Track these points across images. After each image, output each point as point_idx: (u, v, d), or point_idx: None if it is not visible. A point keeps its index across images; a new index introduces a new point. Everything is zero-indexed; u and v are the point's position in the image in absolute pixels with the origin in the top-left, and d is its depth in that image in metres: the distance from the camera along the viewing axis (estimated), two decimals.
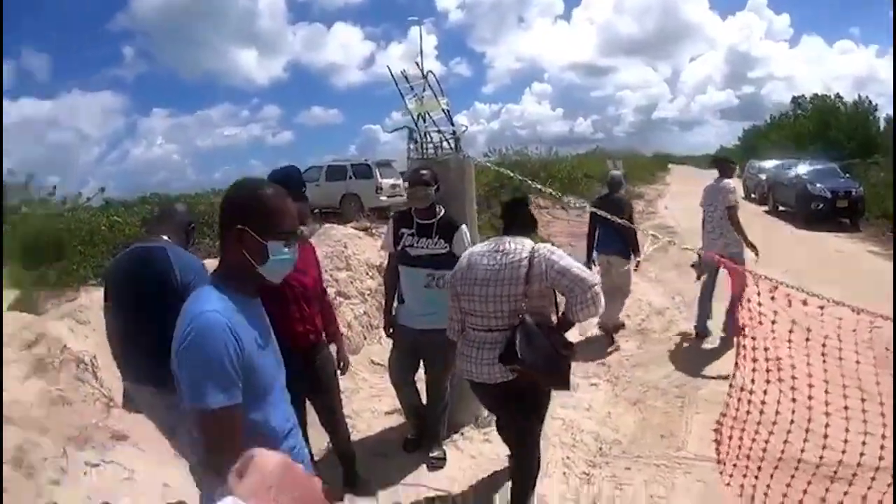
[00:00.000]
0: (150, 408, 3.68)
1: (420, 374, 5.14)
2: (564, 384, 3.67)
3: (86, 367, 5.48)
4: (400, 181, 17.80)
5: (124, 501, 4.20)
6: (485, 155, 24.71)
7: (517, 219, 3.95)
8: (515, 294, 3.55)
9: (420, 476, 4.86)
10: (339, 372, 4.42)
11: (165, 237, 3.59)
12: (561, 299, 3.76)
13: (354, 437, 4.94)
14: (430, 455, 4.98)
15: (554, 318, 3.76)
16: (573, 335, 4.96)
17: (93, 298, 6.76)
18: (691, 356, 7.25)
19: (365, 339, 7.56)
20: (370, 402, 6.19)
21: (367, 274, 8.45)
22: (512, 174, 6.26)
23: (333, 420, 4.42)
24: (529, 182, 6.02)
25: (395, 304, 5.06)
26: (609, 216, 5.02)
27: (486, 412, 5.48)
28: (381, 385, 5.83)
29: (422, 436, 5.17)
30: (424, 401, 5.15)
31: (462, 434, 5.42)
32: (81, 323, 6.12)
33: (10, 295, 8.18)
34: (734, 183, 7.96)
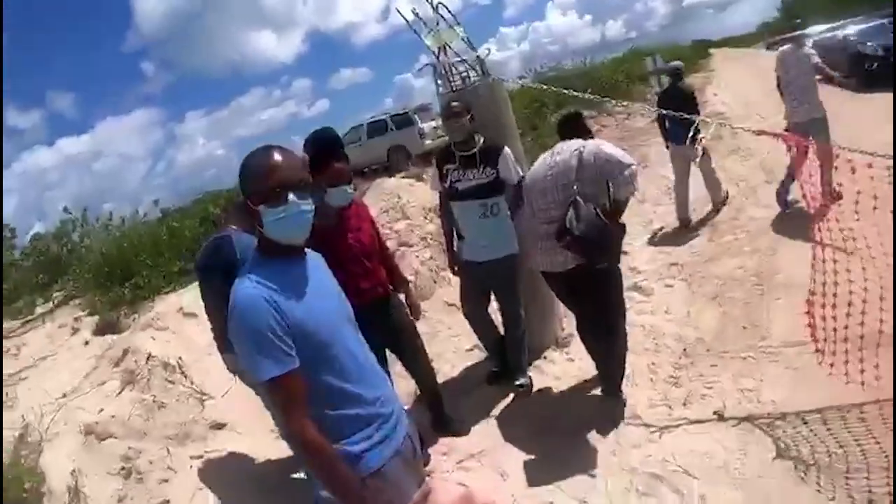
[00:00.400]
0: (242, 374, 4.14)
1: (494, 306, 5.13)
2: (613, 256, 4.13)
3: (173, 369, 5.66)
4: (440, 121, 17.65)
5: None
6: (520, 77, 24.18)
7: (570, 131, 4.42)
8: (568, 181, 4.06)
9: (510, 406, 4.91)
10: (411, 318, 4.46)
11: (234, 227, 4.03)
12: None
13: (439, 378, 4.95)
14: (516, 383, 4.98)
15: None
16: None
17: (168, 304, 6.96)
18: (763, 241, 6.98)
19: (435, 282, 7.56)
20: (449, 342, 6.22)
21: (426, 219, 8.45)
22: (546, 87, 6.15)
23: (417, 362, 4.44)
24: (566, 92, 5.96)
25: (456, 240, 5.04)
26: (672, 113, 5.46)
27: (564, 331, 5.59)
28: (459, 324, 5.84)
29: (505, 366, 5.16)
30: (502, 331, 5.14)
31: (544, 357, 5.42)
32: (161, 330, 6.31)
33: (91, 322, 8.46)
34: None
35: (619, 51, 37.71)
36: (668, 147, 8.60)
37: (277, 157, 2.06)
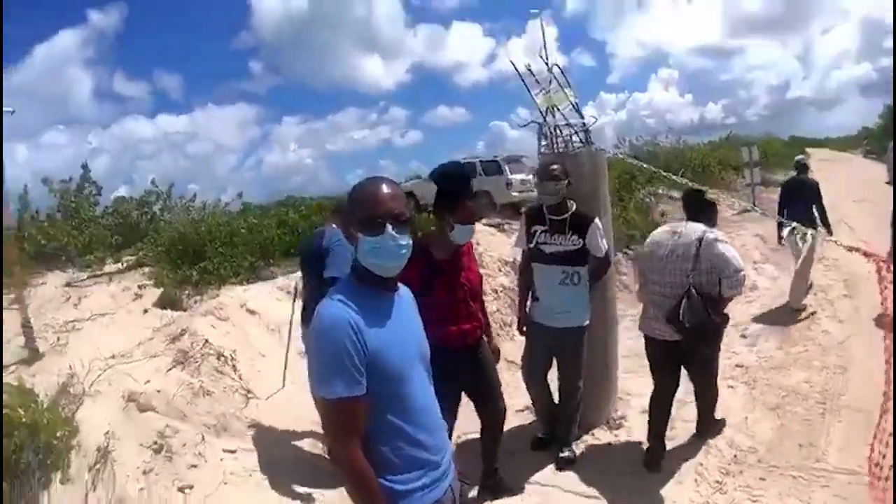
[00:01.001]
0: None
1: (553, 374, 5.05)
2: (715, 345, 4.73)
3: (225, 360, 5.72)
4: (530, 176, 17.51)
5: None
6: (615, 146, 24.12)
7: (697, 212, 4.72)
8: (685, 269, 4.43)
9: (548, 475, 4.79)
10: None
11: (333, 225, 4.94)
12: None
13: None
14: (560, 455, 4.89)
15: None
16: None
17: (233, 297, 7.01)
18: (833, 358, 6.75)
19: (497, 336, 7.38)
20: None
21: (500, 271, 8.44)
22: (640, 163, 6.10)
23: (493, 399, 4.34)
24: (662, 173, 5.89)
25: (530, 300, 4.97)
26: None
27: (617, 413, 5.50)
28: (514, 382, 5.76)
29: (552, 435, 5.09)
30: (556, 400, 5.06)
31: (593, 434, 5.31)
32: (222, 320, 6.38)
33: (154, 293, 8.59)
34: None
35: (716, 134, 37.03)
36: (780, 240, 8.78)
37: (385, 189, 2.10)
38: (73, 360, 5.44)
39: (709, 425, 5.16)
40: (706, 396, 5.02)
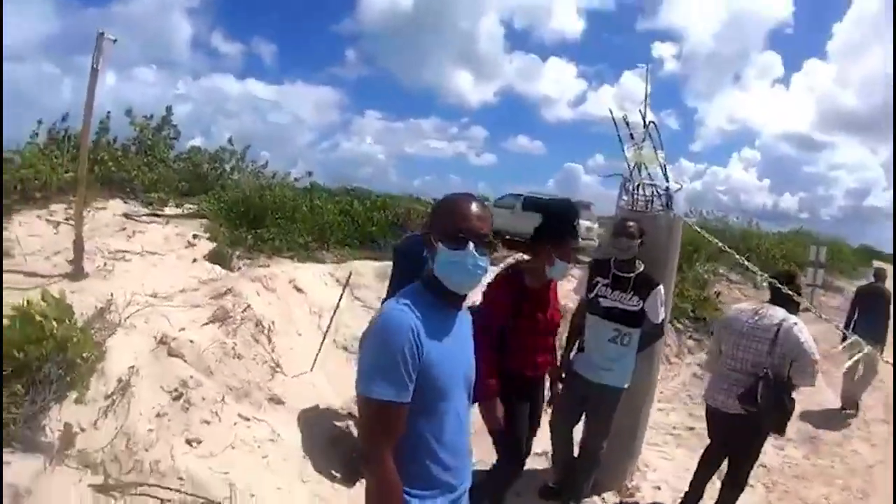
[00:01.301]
0: None
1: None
2: (781, 428, 4.57)
3: (263, 329, 5.71)
4: (595, 225, 17.54)
5: None
6: (685, 215, 23.94)
7: (782, 297, 4.71)
8: (761, 350, 4.48)
9: None
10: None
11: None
12: None
13: None
14: None
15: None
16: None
17: (283, 270, 7.03)
18: (858, 482, 6.51)
19: None
20: None
21: None
22: (719, 243, 5.99)
23: (527, 436, 4.34)
24: (735, 255, 5.82)
25: (575, 349, 4.91)
26: None
27: (632, 483, 5.40)
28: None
29: (563, 487, 5.00)
30: (576, 453, 4.97)
31: (602, 498, 5.22)
32: (269, 290, 6.41)
33: (207, 246, 8.65)
34: None
35: (786, 225, 36.46)
36: (844, 339, 8.50)
37: (475, 208, 2.10)
38: (114, 289, 5.48)
39: None
40: (736, 480, 4.87)
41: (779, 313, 4.58)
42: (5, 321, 3.94)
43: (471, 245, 2.04)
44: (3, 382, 3.67)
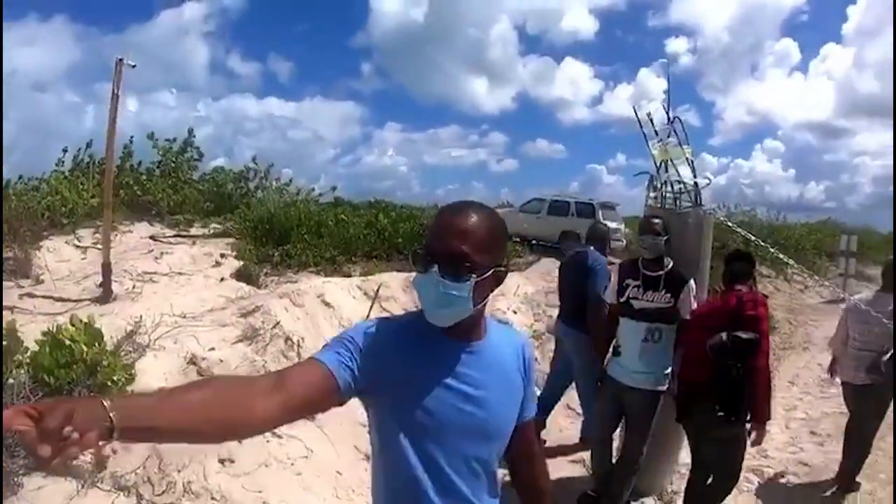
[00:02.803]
0: (575, 343, 5.75)
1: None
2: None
3: (293, 345, 5.69)
4: (621, 226, 17.44)
5: None
6: (712, 210, 23.81)
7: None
8: (882, 332, 5.13)
9: None
10: None
11: (591, 247, 6.01)
12: None
13: None
14: None
15: None
16: None
17: (311, 286, 7.01)
18: None
19: None
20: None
21: None
22: (749, 235, 5.90)
23: None
24: (767, 247, 5.76)
25: (610, 354, 4.82)
26: None
27: (672, 486, 5.27)
28: (572, 431, 5.59)
29: (602, 494, 4.89)
30: (615, 459, 4.90)
31: (642, 503, 5.10)
32: (297, 305, 6.39)
33: (234, 265, 8.68)
34: None
35: (813, 215, 35.85)
36: None
37: (453, 221, 1.65)
38: (143, 311, 5.49)
39: (845, 479, 5.63)
40: (859, 447, 5.53)
41: (890, 301, 5.19)
42: (35, 346, 3.96)
43: (434, 268, 1.61)
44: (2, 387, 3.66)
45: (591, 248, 5.96)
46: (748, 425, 4.25)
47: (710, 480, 4.52)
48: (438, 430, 1.68)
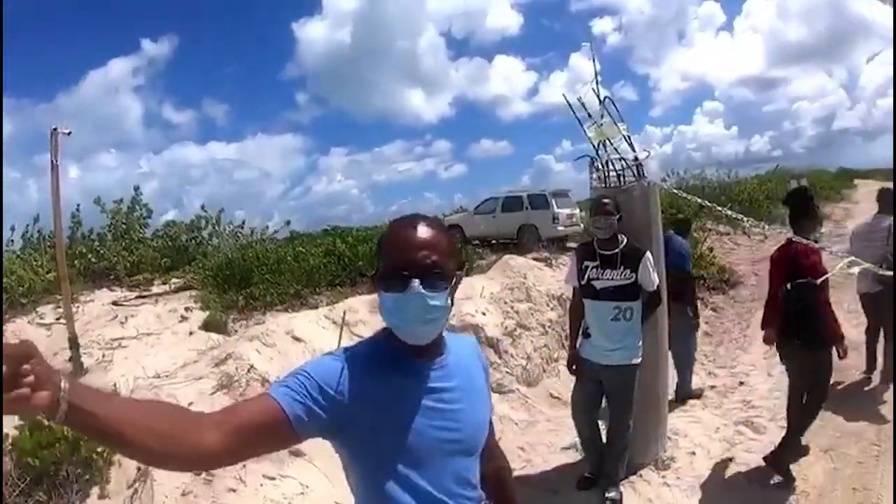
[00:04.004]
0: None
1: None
2: None
3: (269, 386, 5.66)
4: (576, 211, 17.57)
5: None
6: (662, 180, 24.12)
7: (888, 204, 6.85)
8: (879, 245, 6.59)
9: None
10: None
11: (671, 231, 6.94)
12: None
13: (529, 470, 4.80)
14: (606, 496, 4.76)
15: None
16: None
17: (279, 323, 7.00)
18: (892, 399, 6.35)
19: (544, 371, 7.44)
20: (547, 435, 6.02)
21: (548, 305, 8.37)
22: (697, 199, 6.03)
23: None
24: (709, 205, 5.93)
25: (581, 337, 4.89)
26: None
27: (666, 453, 5.35)
28: (559, 419, 5.65)
29: (598, 474, 4.96)
30: (604, 438, 4.96)
31: (640, 475, 5.16)
32: (267, 346, 6.38)
33: (200, 316, 8.65)
34: None
35: (763, 167, 36.34)
36: None
37: (418, 233, 1.62)
38: (117, 377, 5.48)
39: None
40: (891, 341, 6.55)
41: (887, 220, 6.62)
42: (15, 432, 3.95)
43: (415, 283, 1.56)
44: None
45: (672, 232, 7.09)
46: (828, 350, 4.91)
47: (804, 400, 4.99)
48: (425, 454, 1.64)
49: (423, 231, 1.62)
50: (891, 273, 5.24)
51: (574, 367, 4.93)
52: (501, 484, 2.05)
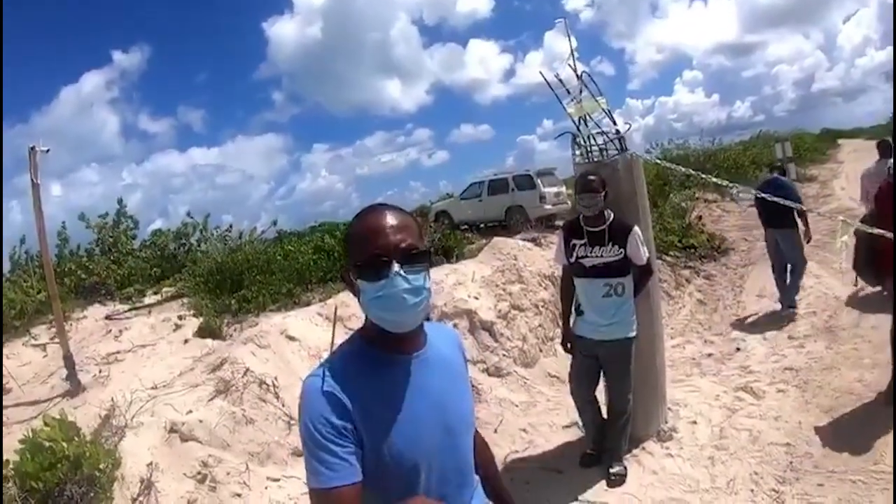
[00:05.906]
0: (784, 237, 8.46)
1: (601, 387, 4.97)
2: None
3: (267, 388, 5.68)
4: (563, 189, 17.56)
5: None
6: (646, 152, 24.17)
7: (888, 149, 7.64)
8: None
9: (599, 492, 4.69)
10: None
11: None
12: None
13: (532, 451, 4.81)
14: (610, 470, 4.78)
15: None
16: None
17: (272, 324, 6.99)
18: (886, 355, 6.13)
19: (541, 351, 7.46)
20: (548, 415, 6.04)
21: (540, 285, 8.37)
22: (680, 168, 6.06)
23: None
24: (694, 173, 5.91)
25: (574, 315, 4.89)
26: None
27: (667, 424, 5.36)
28: (559, 398, 5.66)
29: (601, 450, 4.98)
30: (605, 414, 4.97)
31: (643, 448, 5.18)
32: (262, 347, 6.35)
33: (194, 323, 8.61)
34: None
35: (745, 133, 36.54)
36: None
37: (388, 217, 1.63)
38: (115, 392, 5.47)
39: None
40: None
41: (888, 163, 6.50)
42: (16, 457, 3.94)
43: (395, 266, 1.56)
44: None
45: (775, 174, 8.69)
46: None
47: None
48: (416, 447, 1.64)
49: (392, 215, 1.63)
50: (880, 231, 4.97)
51: (569, 345, 4.94)
52: (486, 470, 2.02)
